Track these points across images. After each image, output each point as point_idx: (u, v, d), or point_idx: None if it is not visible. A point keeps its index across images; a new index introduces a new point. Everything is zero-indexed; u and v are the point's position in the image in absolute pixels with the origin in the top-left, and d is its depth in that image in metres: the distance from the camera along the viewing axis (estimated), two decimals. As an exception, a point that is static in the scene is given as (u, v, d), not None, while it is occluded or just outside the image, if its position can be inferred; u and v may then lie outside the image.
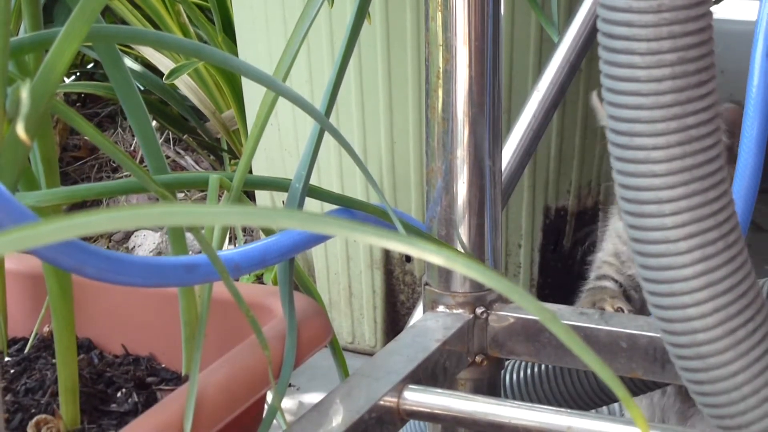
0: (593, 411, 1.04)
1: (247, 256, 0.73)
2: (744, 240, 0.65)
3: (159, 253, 1.81)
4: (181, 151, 2.10)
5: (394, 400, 0.77)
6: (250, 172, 1.35)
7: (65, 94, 2.25)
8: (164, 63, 1.93)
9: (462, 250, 0.88)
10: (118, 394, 0.81)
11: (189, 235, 1.44)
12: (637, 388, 0.99)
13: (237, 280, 0.88)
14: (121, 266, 0.63)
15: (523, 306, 0.38)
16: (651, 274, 0.64)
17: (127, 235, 1.88)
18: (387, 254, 1.50)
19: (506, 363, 1.00)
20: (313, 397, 1.31)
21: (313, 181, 0.81)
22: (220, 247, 0.77)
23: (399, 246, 0.37)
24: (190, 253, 0.77)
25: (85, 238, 1.86)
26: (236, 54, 1.61)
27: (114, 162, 2.10)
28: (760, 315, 0.64)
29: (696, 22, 0.60)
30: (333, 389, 0.76)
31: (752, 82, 0.95)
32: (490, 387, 0.92)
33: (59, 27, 0.62)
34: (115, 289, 0.84)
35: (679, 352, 0.65)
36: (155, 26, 1.93)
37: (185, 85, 1.93)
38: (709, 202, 0.62)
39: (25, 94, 0.56)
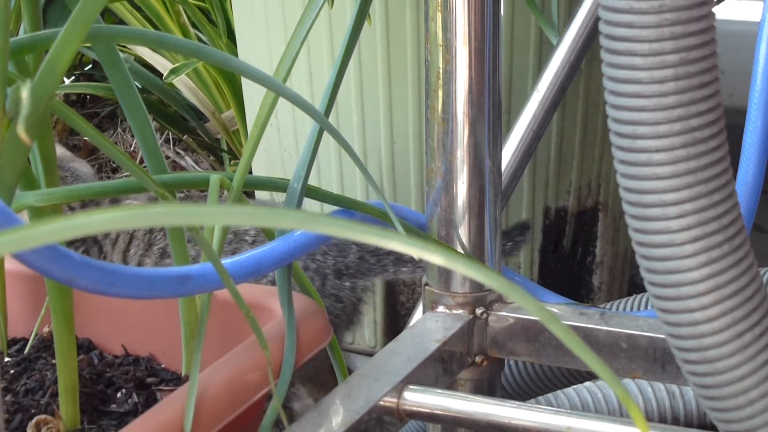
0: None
1: (241, 265, 0.73)
2: (749, 242, 0.64)
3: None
4: (181, 152, 2.10)
5: (394, 400, 0.77)
6: (250, 172, 1.35)
7: (65, 94, 2.25)
8: (162, 63, 1.93)
9: (462, 251, 0.88)
10: (118, 395, 0.81)
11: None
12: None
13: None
14: (114, 278, 0.63)
15: (523, 306, 0.38)
16: (656, 277, 0.63)
17: (127, 236, 1.87)
18: (387, 254, 1.49)
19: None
20: (312, 398, 1.31)
21: (312, 182, 0.81)
22: (221, 247, 0.76)
23: (399, 246, 0.37)
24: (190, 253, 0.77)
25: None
26: (236, 54, 1.60)
27: (114, 162, 2.10)
28: (766, 319, 0.64)
29: (698, 23, 0.60)
30: (333, 389, 0.76)
31: (755, 84, 0.94)
32: (490, 387, 0.92)
33: (54, 28, 0.62)
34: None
35: (685, 356, 0.64)
36: (155, 27, 1.93)
37: (185, 85, 1.93)
38: (715, 204, 0.62)
39: (25, 94, 0.56)
